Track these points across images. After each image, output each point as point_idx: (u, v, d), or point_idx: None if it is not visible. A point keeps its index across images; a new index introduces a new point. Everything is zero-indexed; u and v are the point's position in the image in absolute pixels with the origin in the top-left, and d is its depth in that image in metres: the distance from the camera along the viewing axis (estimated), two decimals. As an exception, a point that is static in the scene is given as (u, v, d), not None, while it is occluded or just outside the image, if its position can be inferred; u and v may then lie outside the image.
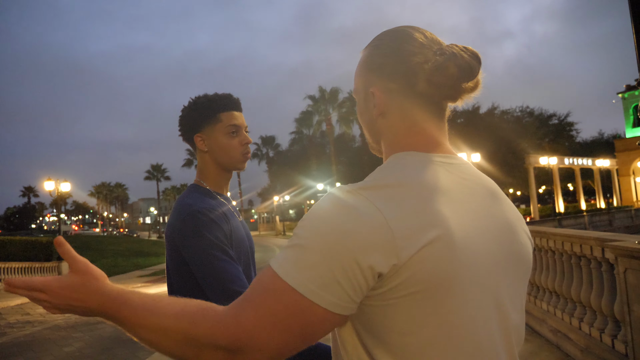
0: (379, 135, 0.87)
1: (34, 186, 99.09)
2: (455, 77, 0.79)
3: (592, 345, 3.98)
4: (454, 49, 0.80)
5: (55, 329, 8.92)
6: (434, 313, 0.69)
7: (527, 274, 0.84)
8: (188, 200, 1.48)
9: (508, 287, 0.78)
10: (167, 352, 0.74)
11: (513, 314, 0.79)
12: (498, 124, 33.70)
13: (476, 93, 0.84)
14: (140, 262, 30.89)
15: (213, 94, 1.60)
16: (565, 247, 4.54)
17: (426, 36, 0.84)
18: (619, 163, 39.05)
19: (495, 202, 0.81)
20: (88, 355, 6.54)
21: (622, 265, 3.37)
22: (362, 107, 0.89)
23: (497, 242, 0.77)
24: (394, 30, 0.86)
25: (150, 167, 76.96)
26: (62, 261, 19.97)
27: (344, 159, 46.78)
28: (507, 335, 0.78)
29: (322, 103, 43.25)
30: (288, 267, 0.69)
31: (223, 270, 1.37)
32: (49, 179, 20.53)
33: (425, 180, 0.75)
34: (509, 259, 0.79)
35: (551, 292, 5.08)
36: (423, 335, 0.70)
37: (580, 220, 27.82)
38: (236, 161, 1.58)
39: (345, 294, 0.68)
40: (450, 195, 0.74)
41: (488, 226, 0.77)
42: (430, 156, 0.80)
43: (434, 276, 0.68)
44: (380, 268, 0.67)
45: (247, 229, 1.67)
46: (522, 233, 0.84)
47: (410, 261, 0.67)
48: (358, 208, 0.69)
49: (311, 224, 0.71)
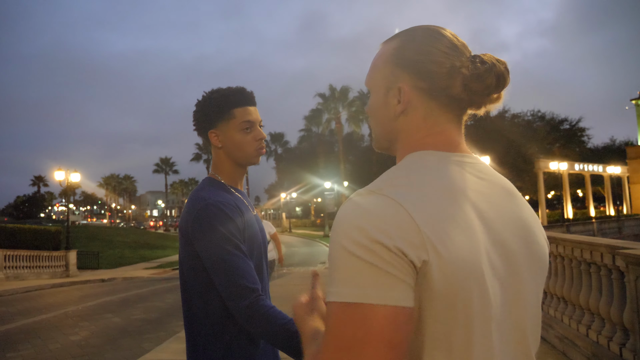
0: (395, 133, 0.86)
1: (44, 175, 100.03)
2: (492, 87, 0.81)
3: (599, 353, 3.95)
4: (492, 59, 0.81)
5: (62, 317, 9.01)
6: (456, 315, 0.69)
7: (544, 273, 0.84)
8: (203, 194, 1.48)
9: (526, 286, 0.78)
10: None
11: (530, 312, 0.79)
12: (508, 128, 33.53)
13: (499, 104, 0.84)
14: (146, 254, 31.08)
15: (226, 88, 1.59)
16: (575, 253, 4.50)
17: (458, 39, 0.84)
18: (630, 170, 38.67)
19: (513, 201, 0.82)
20: (94, 345, 6.60)
21: (633, 273, 3.35)
22: (379, 102, 0.87)
23: (515, 240, 0.78)
24: (426, 28, 0.85)
25: (159, 161, 77.46)
26: (69, 250, 20.15)
27: (352, 158, 46.79)
28: (523, 336, 0.78)
29: (332, 101, 43.22)
30: (339, 289, 0.67)
31: (234, 265, 1.37)
32: (59, 169, 20.69)
33: (445, 179, 0.75)
34: (527, 258, 0.79)
35: (559, 298, 5.04)
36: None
37: (589, 227, 27.61)
38: (250, 156, 1.58)
39: (399, 280, 0.65)
40: (469, 194, 0.75)
41: (506, 225, 0.77)
42: (448, 155, 0.80)
43: (460, 279, 0.68)
44: (412, 257, 0.66)
45: (261, 223, 1.67)
46: (539, 233, 0.84)
47: (440, 260, 0.67)
48: (381, 205, 0.69)
49: (336, 236, 0.70)
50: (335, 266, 0.68)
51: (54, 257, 19.70)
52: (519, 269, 0.77)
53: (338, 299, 0.66)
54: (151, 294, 12.73)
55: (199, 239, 1.41)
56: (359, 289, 0.65)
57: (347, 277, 0.66)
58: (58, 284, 16.10)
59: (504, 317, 0.74)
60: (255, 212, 1.65)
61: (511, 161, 31.70)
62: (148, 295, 12.45)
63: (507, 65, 0.82)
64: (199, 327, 1.46)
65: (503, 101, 0.85)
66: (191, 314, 1.48)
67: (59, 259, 19.86)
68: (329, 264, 0.70)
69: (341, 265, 0.67)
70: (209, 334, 1.44)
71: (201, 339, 1.45)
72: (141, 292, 13.11)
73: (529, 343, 0.79)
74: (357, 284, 0.65)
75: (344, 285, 0.66)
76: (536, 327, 0.82)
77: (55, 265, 19.51)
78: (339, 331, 0.65)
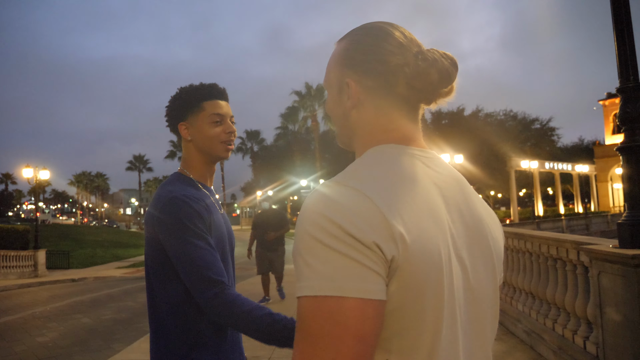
0: (352, 129, 0.87)
1: (12, 173, 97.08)
2: (436, 83, 0.80)
3: (565, 346, 4.06)
4: (435, 54, 0.81)
5: (29, 319, 8.77)
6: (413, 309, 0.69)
7: (500, 264, 0.86)
8: (169, 187, 1.47)
9: (482, 276, 0.80)
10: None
11: (487, 303, 0.80)
12: (482, 127, 34.07)
13: (450, 98, 0.85)
14: (119, 253, 30.52)
15: (199, 84, 1.59)
16: (542, 249, 4.61)
17: (405, 36, 0.84)
18: (598, 169, 39.87)
19: (466, 195, 0.84)
20: (62, 346, 6.44)
21: (596, 268, 3.44)
22: (335, 100, 0.88)
23: (470, 232, 0.79)
24: (372, 27, 0.86)
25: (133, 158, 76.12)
26: (38, 250, 19.61)
27: (328, 156, 46.81)
28: (482, 326, 0.79)
29: (308, 99, 43.21)
30: (312, 283, 0.65)
31: (200, 257, 1.36)
32: (28, 166, 20.10)
33: (406, 171, 0.76)
34: (481, 249, 0.81)
35: (527, 294, 5.16)
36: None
37: (559, 224, 28.35)
38: (219, 150, 1.56)
39: (372, 273, 0.65)
40: (430, 187, 0.76)
41: (462, 217, 0.79)
42: (406, 149, 0.81)
43: (429, 270, 0.68)
44: (384, 250, 0.65)
45: (229, 223, 1.65)
46: (494, 226, 0.86)
47: (409, 253, 0.67)
48: (349, 197, 0.68)
49: (306, 227, 0.68)
50: (304, 258, 0.66)
51: (22, 256, 19.12)
52: (475, 260, 0.79)
53: (311, 293, 0.64)
54: (123, 293, 12.50)
55: (165, 231, 1.39)
56: (333, 282, 0.63)
57: (319, 270, 0.64)
58: (26, 284, 15.65)
59: (465, 309, 0.76)
60: (222, 211, 1.63)
61: (484, 160, 32.27)
62: (119, 294, 12.22)
63: (454, 60, 0.82)
64: (163, 321, 1.44)
65: (455, 95, 0.85)
66: (155, 308, 1.46)
67: (27, 259, 19.30)
68: (296, 257, 0.68)
69: (312, 257, 0.65)
70: (173, 328, 1.42)
71: (165, 334, 1.43)
72: (112, 292, 12.86)
73: (487, 332, 0.81)
74: (330, 277, 0.64)
75: (316, 278, 0.64)
76: (494, 318, 0.83)
77: (23, 265, 18.95)
78: (313, 324, 0.64)
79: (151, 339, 1.49)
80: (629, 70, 3.45)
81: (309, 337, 0.64)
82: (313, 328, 0.64)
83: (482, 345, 0.80)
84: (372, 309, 0.64)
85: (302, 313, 0.65)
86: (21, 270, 18.75)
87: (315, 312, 0.64)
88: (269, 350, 4.95)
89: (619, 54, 3.49)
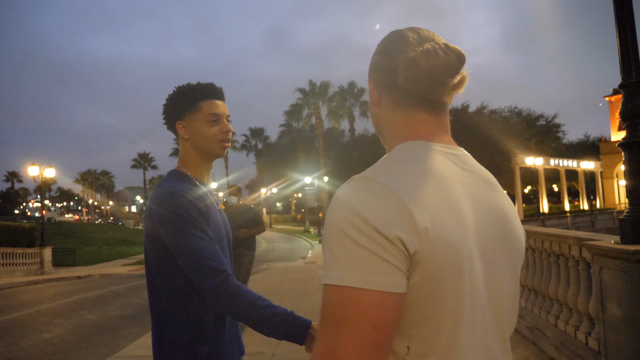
0: (379, 125, 0.93)
1: (18, 171, 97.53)
2: (427, 72, 0.81)
3: (567, 342, 4.06)
4: (427, 45, 0.83)
5: (36, 315, 8.85)
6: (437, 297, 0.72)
7: (521, 260, 0.89)
8: (167, 184, 1.51)
9: (504, 271, 0.83)
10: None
11: (507, 299, 0.83)
12: (486, 123, 33.93)
13: (460, 90, 0.86)
14: (124, 250, 30.67)
15: (196, 83, 1.62)
16: (545, 245, 4.61)
17: (420, 35, 0.87)
18: (603, 166, 39.61)
19: (493, 192, 0.86)
20: (68, 342, 6.50)
21: (598, 264, 3.45)
22: (369, 101, 0.96)
23: (495, 228, 0.82)
24: (393, 31, 0.92)
25: (137, 156, 76.26)
26: (44, 247, 19.75)
27: (332, 154, 46.77)
28: (500, 319, 0.82)
29: (312, 97, 43.11)
30: (337, 273, 0.70)
31: (201, 247, 1.39)
32: (33, 164, 20.22)
33: (433, 168, 0.79)
34: (505, 245, 0.84)
35: (530, 290, 5.16)
36: None
37: (564, 221, 28.24)
38: (215, 148, 1.60)
39: (394, 267, 0.69)
40: (456, 184, 0.79)
41: (488, 214, 0.82)
42: (435, 145, 0.84)
43: (451, 265, 0.72)
44: (408, 244, 0.69)
45: (226, 221, 1.68)
46: (516, 223, 0.89)
47: (433, 247, 0.70)
48: (377, 192, 0.72)
49: (334, 219, 0.72)
50: (332, 249, 0.71)
51: (28, 254, 19.26)
52: (498, 255, 0.82)
53: (335, 282, 0.69)
54: (128, 290, 12.59)
55: (165, 225, 1.42)
56: (356, 274, 0.68)
57: (344, 262, 0.69)
58: (32, 281, 15.78)
59: (486, 302, 0.78)
60: (220, 207, 1.66)
61: (489, 156, 32.13)
62: (125, 291, 12.31)
63: (457, 51, 0.82)
64: (165, 315, 1.46)
65: (465, 90, 0.86)
66: (157, 302, 1.49)
67: (34, 256, 19.44)
68: (325, 246, 0.73)
69: (339, 249, 0.70)
70: (175, 321, 1.45)
71: (167, 326, 1.46)
72: (118, 289, 12.95)
73: (505, 327, 0.84)
74: (354, 269, 0.68)
75: (341, 269, 0.69)
76: (513, 312, 0.86)
77: (29, 263, 19.10)
78: (334, 311, 0.69)
79: (153, 332, 1.52)
80: (631, 66, 3.44)
81: (331, 322, 0.69)
82: (335, 314, 0.69)
83: (501, 338, 0.83)
84: (390, 301, 0.68)
85: (326, 299, 0.71)
86: (27, 267, 18.89)
87: (338, 300, 0.69)
88: (273, 346, 4.98)
89: (621, 50, 3.48)
